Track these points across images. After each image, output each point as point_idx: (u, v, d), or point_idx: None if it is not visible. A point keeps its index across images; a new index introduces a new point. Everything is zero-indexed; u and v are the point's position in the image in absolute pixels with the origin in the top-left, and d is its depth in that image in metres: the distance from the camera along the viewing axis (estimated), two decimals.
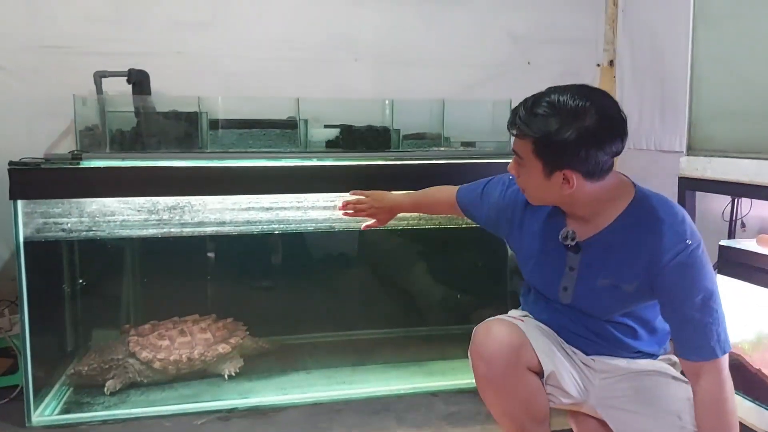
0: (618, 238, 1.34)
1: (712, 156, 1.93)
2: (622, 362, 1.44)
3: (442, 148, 2.61)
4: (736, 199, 2.22)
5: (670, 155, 2.67)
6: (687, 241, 1.27)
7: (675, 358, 1.43)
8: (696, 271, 1.27)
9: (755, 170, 1.76)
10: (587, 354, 1.46)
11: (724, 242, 1.87)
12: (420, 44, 2.98)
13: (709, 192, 2.02)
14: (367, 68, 2.94)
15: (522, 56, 3.08)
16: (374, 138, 2.56)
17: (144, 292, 2.61)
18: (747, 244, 1.85)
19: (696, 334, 1.28)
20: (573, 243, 1.37)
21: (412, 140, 2.67)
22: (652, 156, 2.88)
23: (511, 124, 1.32)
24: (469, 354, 1.44)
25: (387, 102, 2.62)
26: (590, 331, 1.44)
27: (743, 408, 1.76)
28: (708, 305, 1.27)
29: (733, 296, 1.77)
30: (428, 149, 2.59)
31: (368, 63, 2.94)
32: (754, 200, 2.17)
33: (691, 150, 2.03)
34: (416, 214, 2.45)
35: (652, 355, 1.47)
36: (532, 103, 1.28)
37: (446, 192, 1.78)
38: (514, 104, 1.41)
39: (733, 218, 2.26)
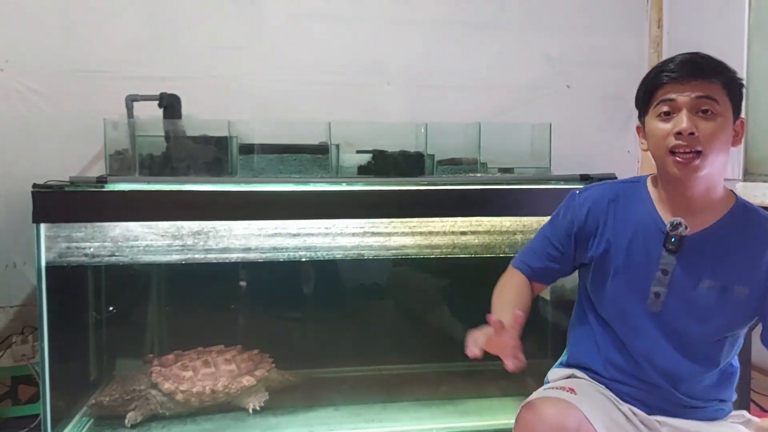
0: (729, 236, 1.26)
1: None
2: (691, 425, 1.29)
3: (479, 174, 2.53)
4: None
5: (727, 183, 2.52)
6: None
7: (748, 415, 1.32)
8: None
9: None
10: (649, 413, 1.30)
11: None
12: (453, 67, 2.92)
13: None
14: (400, 92, 2.89)
15: (560, 79, 2.99)
16: (407, 163, 2.49)
17: (168, 320, 2.56)
18: None
19: None
20: (681, 235, 1.25)
21: (447, 165, 2.60)
22: None
23: (693, 65, 1.22)
24: None
25: (420, 126, 2.55)
26: (673, 359, 1.28)
27: None
28: None
29: None
30: (464, 175, 2.51)
31: (401, 87, 2.89)
32: None
33: (749, 174, 1.90)
34: (450, 242, 2.35)
35: (723, 407, 1.32)
36: (693, 53, 1.25)
37: (518, 280, 1.45)
38: (555, 128, 1.34)
39: None
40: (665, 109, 1.23)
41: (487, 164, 2.60)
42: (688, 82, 1.21)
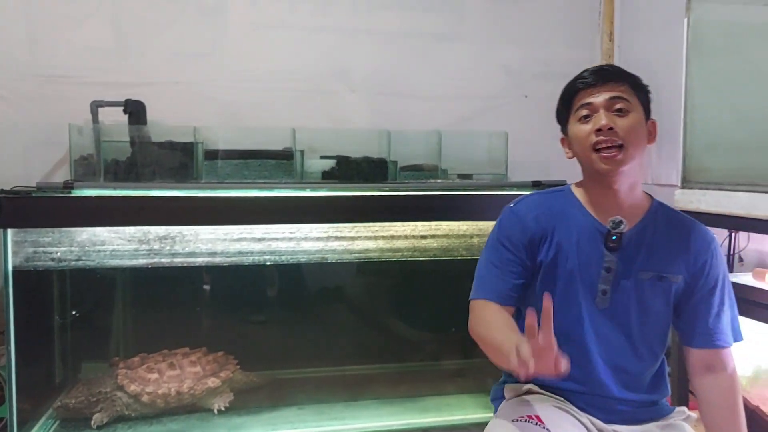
0: (656, 230, 1.36)
1: (706, 189, 1.92)
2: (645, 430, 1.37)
3: (439, 180, 2.61)
4: (733, 233, 2.20)
5: (668, 189, 2.66)
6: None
7: (688, 411, 1.40)
8: (723, 258, 1.39)
9: (749, 203, 1.74)
10: (606, 422, 1.37)
11: None
12: (416, 77, 3.00)
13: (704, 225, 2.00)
14: (364, 100, 2.96)
15: (517, 89, 3.10)
16: (371, 169, 2.56)
17: (134, 323, 2.58)
18: (743, 278, 1.82)
19: (732, 317, 1.39)
20: (621, 232, 1.33)
21: (409, 172, 2.68)
22: (650, 190, 2.83)
23: (603, 72, 1.35)
24: None
25: (384, 133, 2.63)
26: (623, 354, 1.36)
27: None
28: (732, 290, 1.40)
29: None
30: (425, 181, 2.59)
31: (365, 95, 2.95)
32: (750, 234, 2.15)
33: (686, 182, 2.03)
34: (410, 245, 2.44)
35: (665, 405, 1.41)
36: (598, 65, 1.39)
37: (494, 307, 1.38)
38: (512, 136, 1.43)
39: (731, 252, 2.24)
40: (584, 112, 1.34)
41: (447, 170, 2.69)
42: (602, 86, 1.33)
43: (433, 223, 2.43)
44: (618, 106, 1.32)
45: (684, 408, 1.43)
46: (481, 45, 3.08)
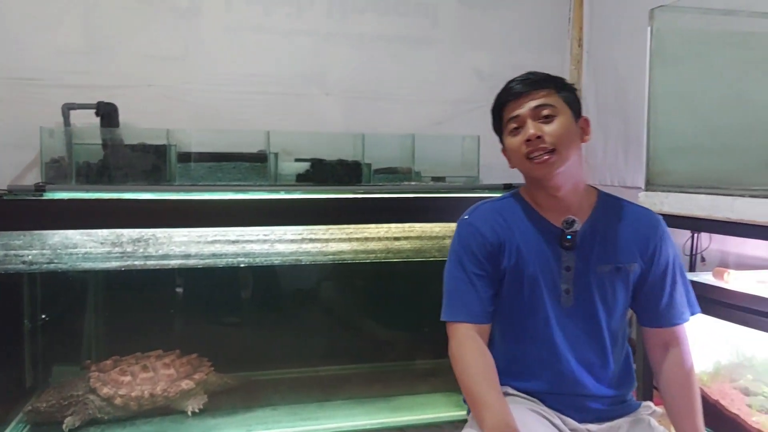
0: (607, 222, 1.40)
1: (669, 191, 1.98)
2: (615, 427, 1.40)
3: (413, 183, 2.65)
4: (695, 234, 2.27)
5: (634, 191, 2.73)
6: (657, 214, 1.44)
7: (653, 406, 1.44)
8: (671, 238, 1.44)
9: (710, 205, 1.81)
10: (581, 421, 1.40)
11: None
12: (390, 81, 3.04)
13: (667, 226, 2.06)
14: (338, 103, 2.98)
15: (489, 93, 3.08)
16: (345, 172, 2.58)
17: (107, 326, 2.57)
18: (704, 277, 1.89)
19: (687, 293, 1.43)
20: (575, 231, 1.37)
21: (383, 174, 2.71)
22: (617, 192, 2.88)
23: (525, 82, 1.37)
24: None
25: (358, 136, 2.65)
26: (590, 348, 1.39)
27: None
28: (683, 267, 1.45)
29: (691, 329, 1.80)
30: (399, 183, 2.62)
31: (339, 98, 2.98)
32: (712, 234, 2.23)
33: (650, 185, 2.08)
34: (384, 247, 2.47)
35: (631, 399, 1.45)
36: (523, 75, 1.40)
37: (473, 345, 1.38)
38: (484, 139, 1.46)
39: (694, 252, 2.31)
40: (514, 125, 1.38)
41: (420, 173, 2.73)
42: (525, 96, 1.36)
43: (407, 225, 2.46)
44: (544, 112, 1.35)
45: (650, 403, 1.47)
46: (454, 49, 3.14)
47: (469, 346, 1.35)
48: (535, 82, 1.37)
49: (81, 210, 2.00)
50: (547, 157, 1.33)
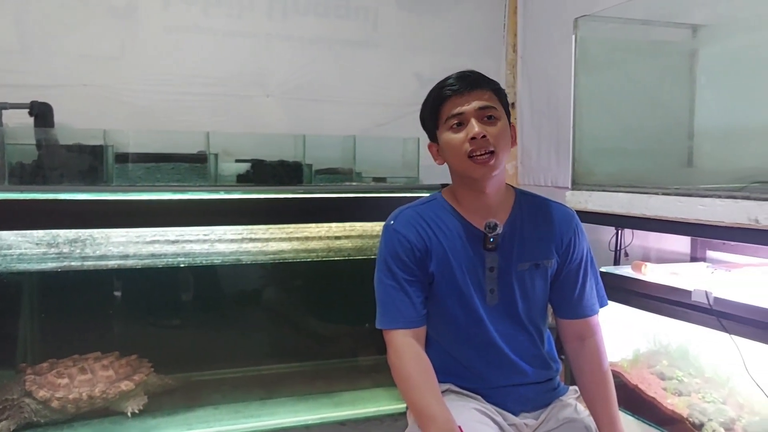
0: (525, 221, 1.45)
1: (593, 190, 2.10)
2: (545, 416, 1.46)
3: (354, 183, 2.70)
4: (619, 230, 2.41)
5: (564, 191, 2.86)
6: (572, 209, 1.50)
7: (579, 391, 1.51)
8: (584, 232, 1.49)
9: (628, 202, 1.94)
10: (517, 414, 1.45)
11: (603, 269, 2.02)
12: (331, 83, 3.09)
13: (590, 223, 2.18)
14: (280, 104, 3.01)
15: None
16: (286, 172, 2.60)
17: (43, 329, 2.51)
18: (623, 270, 2.02)
19: (597, 286, 1.49)
20: (497, 233, 1.40)
21: (325, 175, 2.75)
22: (549, 192, 3.07)
23: (468, 79, 1.36)
24: None
25: (299, 137, 2.69)
26: (516, 337, 1.45)
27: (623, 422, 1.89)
28: (594, 260, 1.50)
29: (613, 319, 1.92)
30: (339, 184, 2.66)
31: (280, 99, 3.01)
32: (635, 231, 2.37)
33: (575, 185, 2.21)
34: (325, 246, 2.52)
35: (558, 384, 1.52)
36: (460, 72, 1.39)
37: (417, 359, 1.39)
38: (424, 141, 1.47)
39: (618, 248, 2.45)
40: (455, 122, 1.38)
41: (361, 174, 2.78)
42: (469, 94, 1.36)
43: (347, 224, 2.52)
44: (488, 114, 1.37)
45: (576, 387, 1.54)
46: (395, 53, 3.21)
47: (408, 354, 1.37)
48: (477, 80, 1.38)
49: (15, 211, 1.96)
50: (487, 158, 1.34)
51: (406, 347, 1.37)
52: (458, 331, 1.44)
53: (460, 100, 1.36)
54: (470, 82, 1.36)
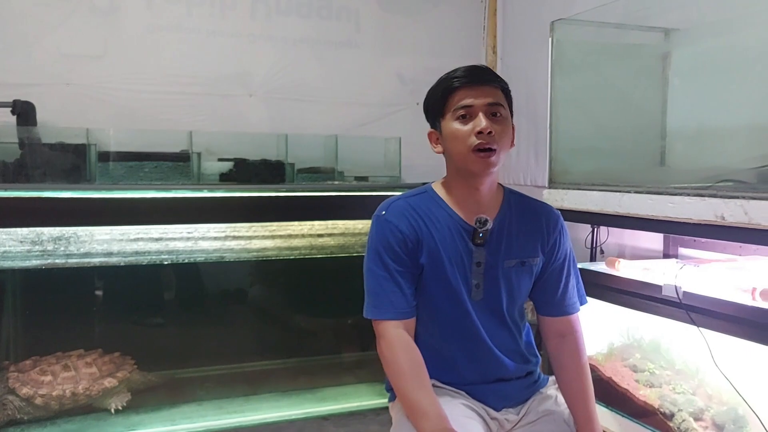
0: (513, 219, 1.47)
1: (568, 189, 2.16)
2: (527, 409, 1.49)
3: (336, 182, 2.73)
4: (594, 228, 2.47)
5: (542, 189, 2.93)
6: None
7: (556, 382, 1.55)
8: (568, 232, 1.52)
9: (602, 200, 2.00)
10: (498, 410, 1.48)
11: (579, 265, 2.07)
12: (314, 83, 3.12)
13: (566, 221, 2.23)
14: (262, 104, 3.04)
15: (410, 97, 3.28)
16: (268, 171, 2.63)
17: (26, 326, 2.52)
18: (598, 266, 2.07)
19: (577, 285, 1.52)
20: (487, 229, 1.41)
21: (307, 174, 2.78)
22: (528, 190, 3.10)
23: (480, 72, 1.36)
24: None
25: (282, 136, 2.71)
26: (498, 331, 1.47)
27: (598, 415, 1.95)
28: (575, 260, 1.54)
29: (588, 314, 1.98)
30: (322, 182, 2.70)
31: (263, 99, 3.04)
32: (610, 228, 2.44)
33: (552, 183, 2.26)
34: (308, 243, 2.55)
35: (539, 374, 1.56)
36: (473, 65, 1.39)
37: (403, 345, 1.40)
38: (406, 141, 1.46)
39: (594, 245, 2.51)
40: (462, 112, 1.37)
41: (344, 173, 2.82)
42: (480, 88, 1.34)
43: (330, 222, 2.55)
44: (495, 111, 1.37)
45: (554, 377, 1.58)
46: (377, 53, 3.25)
47: (399, 346, 1.37)
48: (489, 76, 1.38)
49: None
50: (489, 154, 1.34)
51: (398, 339, 1.37)
52: (445, 325, 1.44)
53: (471, 92, 1.35)
54: (483, 76, 1.37)
